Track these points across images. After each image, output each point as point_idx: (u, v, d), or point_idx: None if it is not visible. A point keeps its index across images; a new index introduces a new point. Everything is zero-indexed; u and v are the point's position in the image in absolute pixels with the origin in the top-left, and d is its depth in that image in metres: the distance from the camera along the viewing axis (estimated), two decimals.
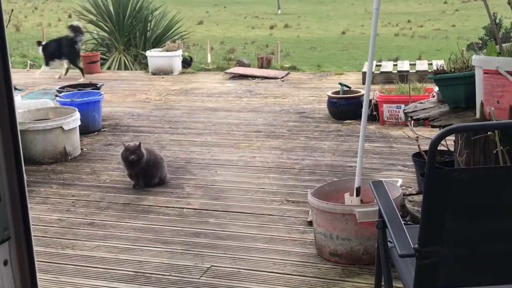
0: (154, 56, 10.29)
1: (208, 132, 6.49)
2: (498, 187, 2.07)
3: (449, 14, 28.56)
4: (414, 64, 9.37)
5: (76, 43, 9.77)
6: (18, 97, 7.17)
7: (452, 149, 3.91)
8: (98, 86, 7.38)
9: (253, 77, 9.51)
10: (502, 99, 3.07)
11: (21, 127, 5.14)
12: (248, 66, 10.48)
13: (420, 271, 2.09)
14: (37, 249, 1.22)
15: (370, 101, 6.00)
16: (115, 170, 5.30)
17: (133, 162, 4.75)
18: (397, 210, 2.37)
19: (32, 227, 1.16)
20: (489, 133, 3.14)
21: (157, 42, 11.99)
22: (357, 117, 6.46)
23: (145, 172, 4.83)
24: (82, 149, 5.91)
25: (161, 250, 3.75)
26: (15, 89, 7.27)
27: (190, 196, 4.67)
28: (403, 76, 8.37)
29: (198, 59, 12.57)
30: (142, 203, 4.55)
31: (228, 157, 5.59)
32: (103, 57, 11.69)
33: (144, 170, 4.82)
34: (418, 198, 4.08)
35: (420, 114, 3.64)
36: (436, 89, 4.11)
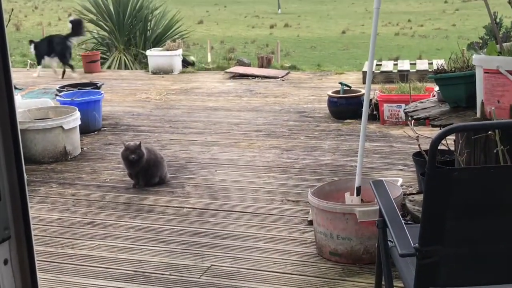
0: (154, 55, 10.28)
1: (208, 131, 6.49)
2: (498, 187, 2.07)
3: (449, 13, 28.57)
4: (415, 63, 9.35)
5: (68, 41, 9.77)
6: (18, 96, 7.17)
7: (452, 148, 3.91)
8: (98, 85, 7.38)
9: (253, 76, 9.50)
10: (503, 99, 3.07)
11: (21, 127, 5.14)
12: (248, 65, 10.47)
13: (420, 271, 2.09)
14: (37, 248, 1.22)
15: (370, 100, 6.00)
16: (115, 170, 5.30)
17: (133, 161, 4.75)
18: (397, 210, 2.37)
19: (32, 226, 1.16)
20: (489, 132, 3.14)
21: (157, 42, 11.99)
22: (357, 116, 6.46)
23: (145, 171, 4.83)
24: (82, 148, 5.91)
25: (161, 250, 3.75)
26: (15, 88, 7.26)
27: (190, 195, 4.67)
28: (404, 75, 8.37)
29: (198, 59, 12.56)
30: (142, 203, 4.55)
31: (228, 156, 5.59)
32: (103, 56, 11.69)
33: (144, 169, 4.82)
34: (419, 197, 4.08)
35: (420, 113, 3.64)
36: (436, 88, 4.11)
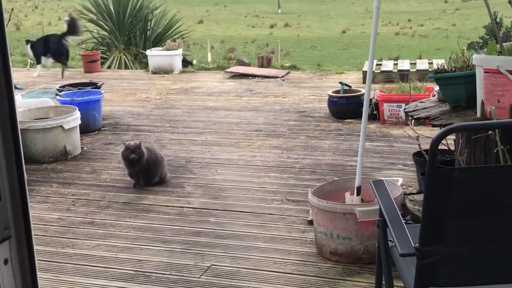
0: (154, 55, 10.28)
1: (208, 131, 6.49)
2: (498, 186, 2.07)
3: (449, 13, 28.57)
4: (415, 63, 9.35)
5: (64, 40, 9.78)
6: (18, 96, 7.16)
7: (452, 148, 3.91)
8: (98, 85, 7.38)
9: (253, 76, 9.50)
10: (503, 98, 3.07)
11: (21, 126, 5.14)
12: (248, 65, 10.47)
13: (420, 270, 2.09)
14: (37, 248, 1.22)
15: (370, 100, 6.00)
16: (115, 169, 5.30)
17: (133, 161, 4.75)
18: (397, 209, 2.37)
19: (32, 226, 1.15)
20: (489, 132, 3.14)
21: (157, 41, 11.99)
22: (357, 116, 6.46)
23: (145, 171, 4.83)
24: (82, 148, 5.91)
25: (161, 249, 3.75)
26: (15, 88, 7.27)
27: (190, 195, 4.67)
28: (404, 75, 8.37)
29: (198, 58, 12.56)
30: (142, 202, 4.55)
31: (228, 156, 5.59)
32: (103, 56, 11.70)
33: (144, 169, 4.82)
34: (419, 197, 4.08)
35: (420, 113, 3.64)
36: (436, 88, 4.11)
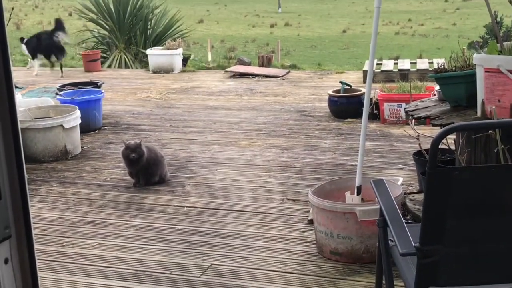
0: (155, 54, 10.28)
1: (208, 130, 6.49)
2: (499, 186, 2.07)
3: (449, 12, 28.56)
4: (415, 62, 9.34)
5: (54, 37, 9.81)
6: (19, 95, 7.16)
7: (453, 147, 3.90)
8: (98, 84, 7.38)
9: (253, 75, 9.50)
10: (503, 98, 3.07)
11: (21, 126, 5.13)
12: (248, 64, 10.47)
13: (421, 270, 2.09)
14: (37, 247, 1.22)
15: (371, 99, 5.99)
16: (116, 169, 5.30)
17: (133, 160, 4.75)
18: (398, 209, 2.37)
19: (32, 226, 1.15)
20: (490, 131, 3.14)
21: (157, 41, 11.98)
22: (357, 115, 6.47)
23: (145, 170, 4.83)
24: (82, 147, 5.91)
25: (161, 248, 3.75)
26: (16, 87, 7.27)
27: (191, 194, 4.67)
28: (404, 74, 8.37)
29: (198, 58, 12.56)
30: (143, 202, 4.55)
31: (228, 155, 5.59)
32: (104, 55, 11.69)
33: (144, 168, 4.82)
34: (419, 196, 4.08)
35: (421, 112, 3.64)
36: (437, 87, 4.11)
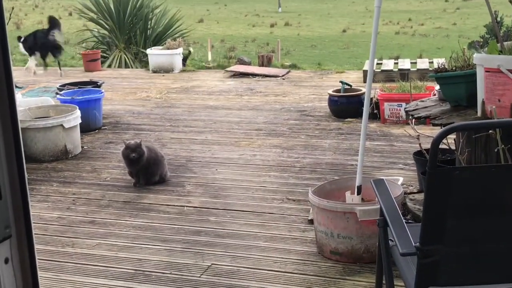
0: (155, 54, 10.28)
1: (208, 130, 6.49)
2: (499, 186, 2.07)
3: (450, 12, 28.56)
4: (415, 62, 9.34)
5: (50, 36, 9.83)
6: (19, 95, 7.16)
7: (453, 147, 3.90)
8: (98, 84, 7.38)
9: (253, 75, 9.50)
10: (504, 98, 3.07)
11: (21, 125, 5.13)
12: (248, 64, 10.47)
13: (421, 270, 2.09)
14: (37, 247, 1.22)
15: (371, 99, 5.99)
16: (116, 168, 5.30)
17: (133, 160, 4.75)
18: (398, 209, 2.36)
19: (32, 225, 1.15)
20: (490, 131, 3.14)
21: (157, 40, 11.98)
22: (358, 115, 6.47)
23: (145, 170, 4.83)
24: (82, 147, 5.91)
25: (161, 248, 3.75)
26: (16, 86, 7.26)
27: (191, 194, 4.67)
28: (404, 74, 8.37)
29: (198, 57, 12.56)
30: (143, 201, 4.55)
31: (228, 155, 5.58)
32: (104, 55, 11.69)
33: (144, 168, 4.82)
34: (419, 196, 4.08)
35: (421, 112, 3.64)
36: (437, 87, 4.11)
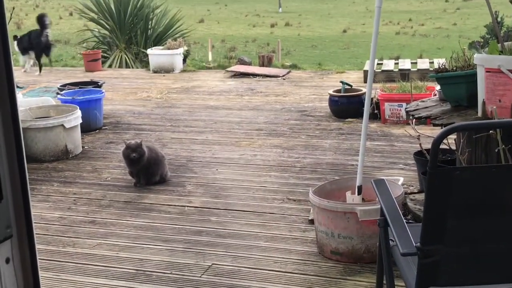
0: (155, 54, 10.28)
1: (209, 130, 6.49)
2: (499, 186, 2.07)
3: (450, 12, 28.55)
4: (416, 62, 9.33)
5: (42, 37, 9.85)
6: (19, 95, 7.16)
7: (453, 147, 3.90)
8: (99, 84, 7.38)
9: (254, 75, 9.50)
10: (504, 98, 3.07)
11: (22, 125, 5.11)
12: (249, 64, 10.46)
13: (422, 270, 2.09)
14: (38, 247, 1.22)
15: (371, 99, 5.99)
16: (116, 168, 5.30)
17: (134, 160, 4.76)
18: (399, 209, 2.37)
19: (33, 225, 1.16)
20: (491, 131, 3.14)
21: (158, 40, 11.98)
22: (358, 115, 6.47)
23: (146, 170, 4.83)
24: (83, 147, 5.91)
25: (162, 248, 3.75)
26: (17, 87, 7.26)
27: (191, 194, 4.67)
28: (405, 74, 8.36)
29: (199, 57, 12.56)
30: (143, 201, 4.55)
31: (229, 155, 5.59)
32: (104, 55, 11.69)
33: (145, 168, 4.82)
34: (420, 196, 4.08)
35: (421, 112, 3.64)
36: (437, 87, 4.11)
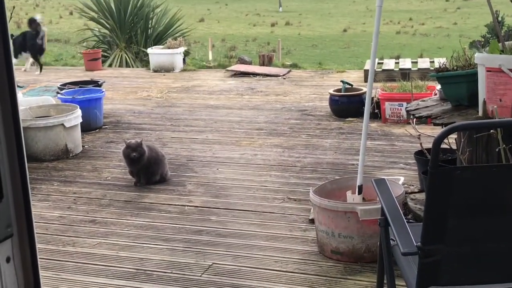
0: (156, 53, 10.28)
1: (209, 129, 6.49)
2: (500, 186, 2.07)
3: (450, 12, 28.55)
4: (416, 62, 9.33)
5: (37, 37, 9.87)
6: (20, 94, 7.17)
7: (454, 147, 3.90)
8: (99, 83, 7.38)
9: (254, 74, 9.50)
10: (505, 97, 3.07)
11: (22, 124, 5.13)
12: (249, 63, 10.46)
13: (422, 269, 2.09)
14: (38, 246, 1.22)
15: (372, 99, 5.99)
16: (117, 168, 5.30)
17: (134, 159, 4.75)
18: (399, 208, 2.36)
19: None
20: (491, 131, 3.14)
21: (158, 40, 11.99)
22: (359, 115, 6.46)
23: (146, 169, 4.83)
24: (83, 146, 5.91)
25: (162, 248, 3.75)
26: (17, 86, 7.27)
27: (192, 193, 4.67)
28: (405, 74, 8.36)
29: (199, 57, 12.56)
30: (144, 201, 4.55)
31: (229, 154, 5.58)
32: (105, 54, 11.69)
33: (145, 167, 4.82)
34: (420, 196, 4.08)
35: (422, 112, 3.64)
36: (438, 87, 4.11)
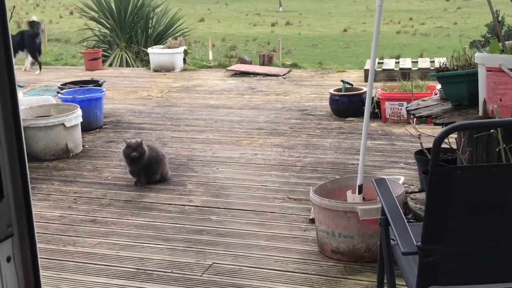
0: (156, 53, 10.28)
1: (209, 129, 6.49)
2: (500, 185, 2.07)
3: (451, 11, 28.55)
4: (416, 61, 9.33)
5: (36, 37, 9.90)
6: (20, 93, 7.16)
7: (454, 146, 3.90)
8: (99, 83, 7.38)
9: (254, 74, 9.50)
10: (505, 97, 3.07)
11: (23, 124, 5.13)
12: (249, 63, 10.46)
13: (423, 269, 2.09)
14: (38, 245, 1.22)
15: (372, 98, 5.99)
16: (117, 167, 5.30)
17: (135, 159, 4.75)
18: (399, 208, 2.36)
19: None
20: (492, 130, 3.14)
21: (158, 39, 11.99)
22: (359, 114, 6.46)
23: (146, 169, 4.83)
24: (83, 146, 5.91)
25: (162, 247, 3.75)
26: (17, 85, 7.27)
27: (192, 193, 4.67)
28: (405, 73, 8.36)
29: (199, 56, 12.56)
30: (144, 200, 4.55)
31: (229, 154, 5.58)
32: (105, 54, 11.70)
33: (145, 167, 4.82)
34: (421, 195, 4.08)
35: (422, 111, 3.64)
36: (438, 86, 4.11)
